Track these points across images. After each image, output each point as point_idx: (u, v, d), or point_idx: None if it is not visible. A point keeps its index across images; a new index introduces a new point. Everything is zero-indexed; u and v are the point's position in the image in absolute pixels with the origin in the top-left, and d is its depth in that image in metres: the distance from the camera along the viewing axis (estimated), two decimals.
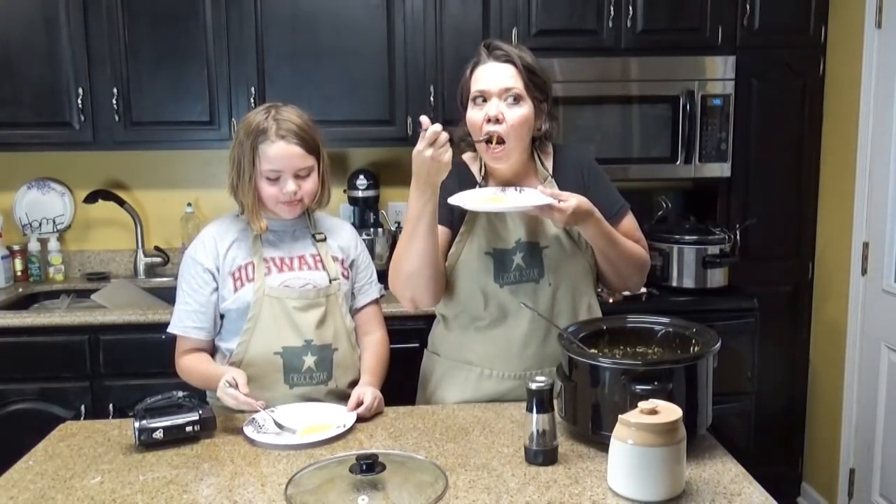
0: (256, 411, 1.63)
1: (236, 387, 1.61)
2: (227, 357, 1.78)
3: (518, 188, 1.70)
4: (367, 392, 1.71)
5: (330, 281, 1.82)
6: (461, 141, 1.79)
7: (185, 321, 1.79)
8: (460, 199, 1.61)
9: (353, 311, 1.92)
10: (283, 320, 1.75)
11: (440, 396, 1.83)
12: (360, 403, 1.68)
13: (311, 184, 1.78)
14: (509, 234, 1.73)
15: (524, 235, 1.73)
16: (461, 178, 1.77)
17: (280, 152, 1.72)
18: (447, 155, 1.54)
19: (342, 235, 1.92)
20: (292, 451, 1.52)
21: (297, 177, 1.75)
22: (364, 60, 2.84)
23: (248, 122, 1.76)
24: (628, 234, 1.79)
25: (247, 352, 1.76)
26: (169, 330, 1.81)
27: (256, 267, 1.78)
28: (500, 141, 1.65)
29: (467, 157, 1.85)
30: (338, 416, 1.66)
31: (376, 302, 1.96)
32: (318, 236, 1.87)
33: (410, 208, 1.62)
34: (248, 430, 1.58)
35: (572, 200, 1.57)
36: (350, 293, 1.90)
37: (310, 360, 1.77)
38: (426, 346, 1.94)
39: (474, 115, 1.69)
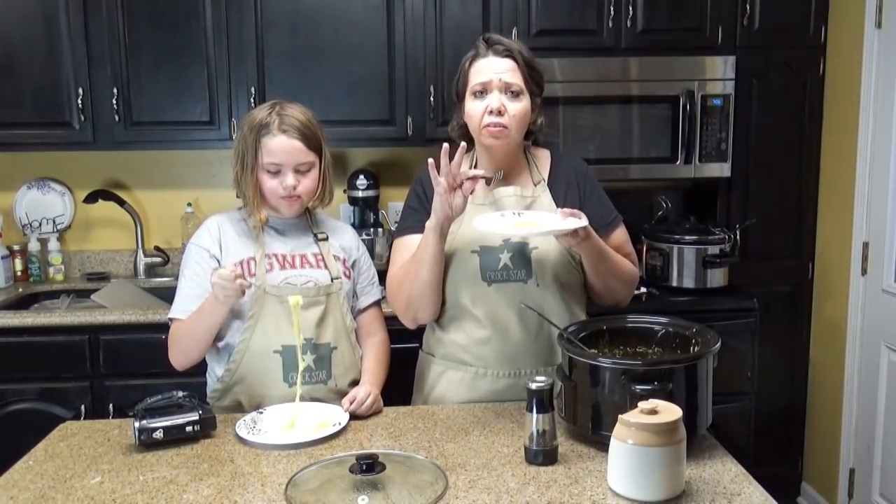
0: (248, 287, 1.67)
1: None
2: (227, 357, 1.78)
3: (515, 212, 1.69)
4: (361, 389, 1.72)
5: (332, 279, 1.83)
6: (454, 133, 1.81)
7: (188, 306, 1.77)
8: (487, 226, 1.60)
9: (356, 313, 1.92)
10: (283, 318, 1.76)
11: (436, 397, 1.83)
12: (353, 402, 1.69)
13: (310, 181, 1.80)
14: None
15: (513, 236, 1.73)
16: None
17: (281, 146, 1.74)
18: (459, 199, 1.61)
19: (344, 236, 1.94)
20: (286, 451, 1.52)
21: (298, 172, 1.77)
22: (364, 60, 2.84)
23: (252, 117, 1.79)
24: (619, 246, 1.80)
25: (247, 350, 1.76)
26: (170, 316, 1.80)
27: (258, 263, 1.78)
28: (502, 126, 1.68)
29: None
30: (331, 415, 1.66)
31: (378, 304, 1.97)
32: (319, 235, 1.88)
33: (424, 237, 1.66)
34: (241, 432, 1.58)
35: (584, 218, 1.58)
36: (352, 293, 1.90)
37: (309, 359, 1.77)
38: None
39: (474, 106, 1.70)
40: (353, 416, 1.67)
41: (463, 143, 1.61)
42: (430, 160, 1.57)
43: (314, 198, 1.84)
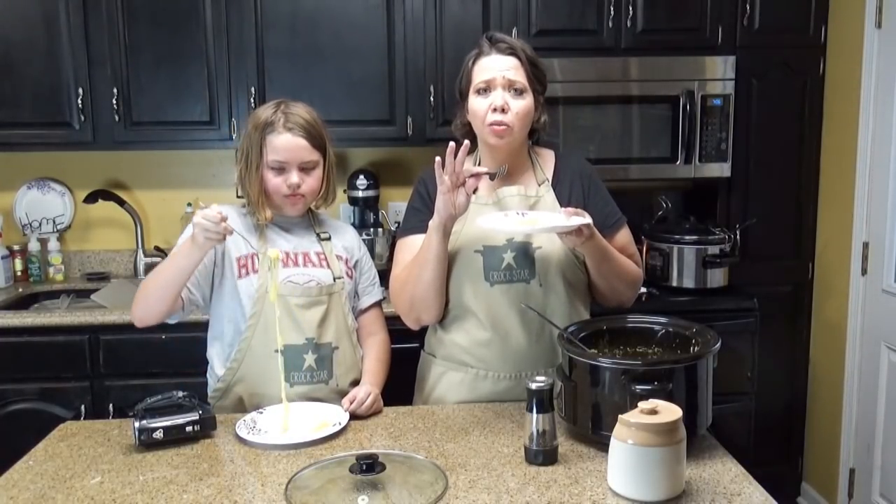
0: (230, 233, 1.60)
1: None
2: (228, 355, 1.78)
3: (519, 211, 1.69)
4: (361, 389, 1.72)
5: (334, 279, 1.83)
6: (457, 131, 1.81)
7: None
8: (490, 224, 1.60)
9: (357, 313, 1.92)
10: (285, 317, 1.75)
11: (437, 398, 1.83)
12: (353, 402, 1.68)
13: (314, 179, 1.80)
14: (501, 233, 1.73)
15: (517, 235, 1.73)
16: None
17: (286, 143, 1.74)
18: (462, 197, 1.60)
19: (346, 236, 1.94)
20: (286, 451, 1.52)
21: (302, 170, 1.77)
22: (364, 60, 2.84)
23: (257, 116, 1.79)
24: (623, 247, 1.79)
25: (249, 349, 1.76)
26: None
27: (261, 260, 1.78)
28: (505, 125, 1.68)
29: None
30: (331, 415, 1.66)
31: (379, 304, 1.97)
32: (322, 235, 1.88)
33: (427, 237, 1.66)
34: (242, 432, 1.58)
35: (588, 217, 1.58)
36: (353, 293, 1.91)
37: (310, 359, 1.76)
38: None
39: (478, 104, 1.71)
40: (353, 416, 1.67)
41: (466, 141, 1.61)
42: (438, 158, 1.57)
43: (318, 197, 1.85)
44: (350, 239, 1.94)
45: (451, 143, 1.57)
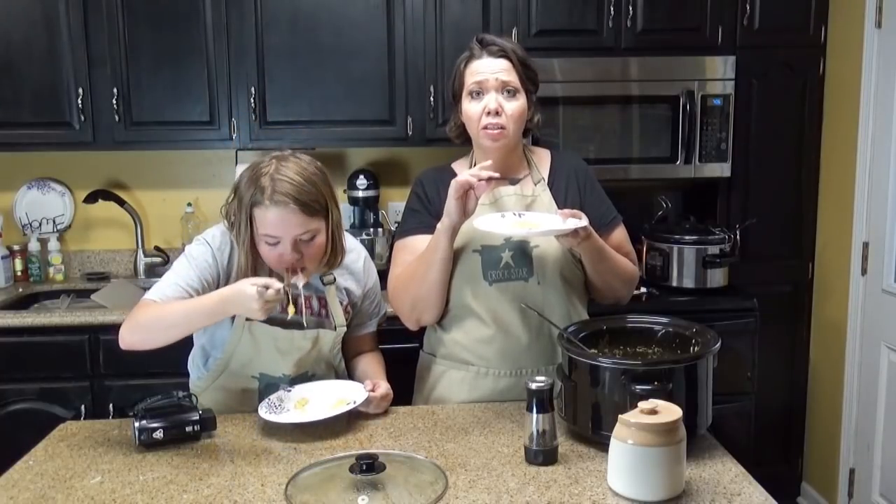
0: (288, 288, 1.55)
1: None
2: (206, 360, 1.77)
3: (516, 212, 1.70)
4: (382, 384, 1.71)
5: (335, 327, 1.78)
6: (451, 133, 1.83)
7: (167, 292, 1.64)
8: (488, 226, 1.61)
9: (351, 336, 1.88)
10: (266, 350, 1.71)
11: (437, 397, 1.83)
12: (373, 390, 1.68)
13: (315, 248, 1.65)
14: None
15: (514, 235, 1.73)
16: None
17: (276, 219, 1.59)
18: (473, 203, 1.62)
19: (353, 266, 1.84)
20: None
21: (299, 242, 1.63)
22: (364, 60, 2.84)
23: (251, 171, 1.63)
24: (618, 245, 1.80)
25: (228, 364, 1.73)
26: (147, 297, 1.64)
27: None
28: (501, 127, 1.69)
29: (457, 164, 1.86)
30: (349, 393, 1.67)
31: (375, 330, 1.94)
32: (326, 279, 1.77)
33: (435, 239, 1.66)
34: (263, 412, 1.59)
35: (585, 219, 1.59)
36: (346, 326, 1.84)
37: (285, 386, 1.72)
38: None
39: (472, 107, 1.71)
40: (361, 413, 1.66)
41: (489, 161, 1.63)
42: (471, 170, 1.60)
43: (321, 264, 1.71)
44: (357, 271, 1.84)
45: (489, 162, 1.62)
